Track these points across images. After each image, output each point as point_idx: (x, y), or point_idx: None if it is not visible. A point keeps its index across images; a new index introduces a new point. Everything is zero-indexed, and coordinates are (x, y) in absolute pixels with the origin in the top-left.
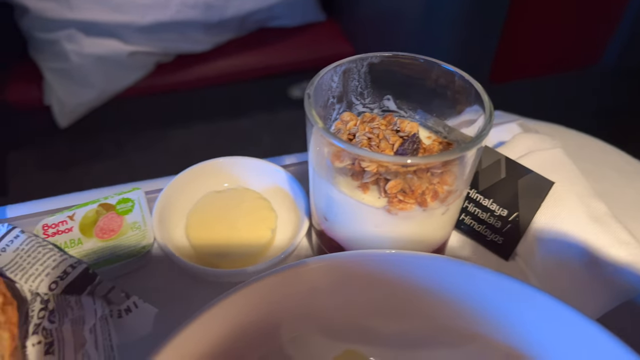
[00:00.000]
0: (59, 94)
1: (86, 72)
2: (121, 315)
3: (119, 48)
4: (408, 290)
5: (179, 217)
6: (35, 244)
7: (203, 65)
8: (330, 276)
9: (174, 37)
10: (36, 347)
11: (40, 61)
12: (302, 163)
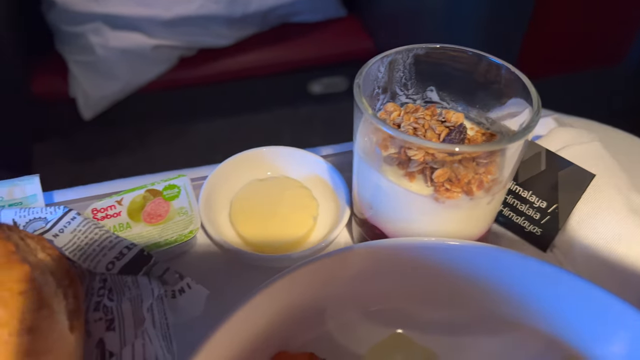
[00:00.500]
0: (84, 86)
1: (111, 65)
2: (175, 296)
3: (144, 42)
4: (453, 278)
5: (222, 203)
6: (92, 225)
7: (225, 60)
8: (376, 262)
9: (198, 31)
10: (98, 323)
11: (66, 54)
12: (339, 154)
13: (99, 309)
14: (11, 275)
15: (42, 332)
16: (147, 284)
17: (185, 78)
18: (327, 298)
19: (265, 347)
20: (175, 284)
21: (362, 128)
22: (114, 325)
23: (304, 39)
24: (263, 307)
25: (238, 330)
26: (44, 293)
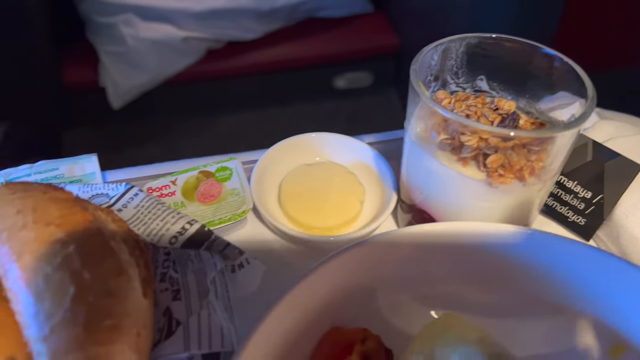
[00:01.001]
0: (114, 76)
1: (141, 55)
2: (234, 270)
3: (174, 33)
4: (502, 262)
5: (271, 186)
6: (154, 201)
7: (252, 53)
8: (427, 245)
9: (226, 24)
10: (164, 293)
11: (97, 44)
12: (384, 142)
13: (165, 280)
14: (92, 242)
15: (121, 297)
16: (209, 258)
17: (212, 70)
18: (379, 278)
19: (319, 323)
20: (235, 258)
21: (417, 112)
22: (180, 295)
23: (330, 33)
24: (318, 285)
25: (295, 306)
26: (121, 260)
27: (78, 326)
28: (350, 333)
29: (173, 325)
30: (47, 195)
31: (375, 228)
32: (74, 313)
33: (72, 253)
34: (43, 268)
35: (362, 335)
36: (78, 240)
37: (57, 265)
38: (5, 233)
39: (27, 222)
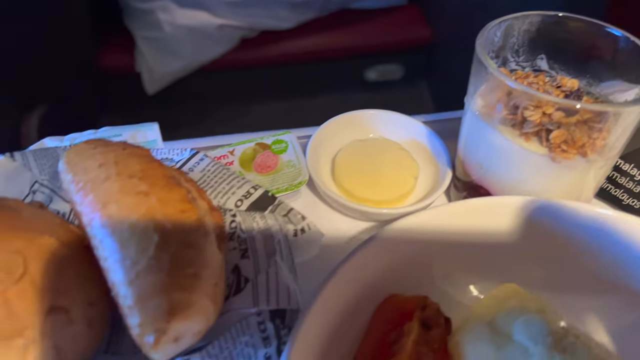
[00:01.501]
0: (149, 62)
1: (177, 42)
2: (296, 235)
3: (209, 21)
4: (561, 238)
5: (325, 161)
6: (219, 166)
7: (285, 43)
8: (487, 217)
9: (261, 13)
10: (232, 251)
11: (134, 30)
12: (437, 121)
13: (234, 239)
14: (173, 196)
15: (200, 248)
16: (275, 220)
17: (245, 59)
18: (436, 249)
19: (377, 291)
20: (298, 223)
21: (482, 86)
22: (248, 254)
23: (363, 25)
24: (377, 253)
25: (354, 273)
26: (199, 214)
27: (162, 272)
28: (409, 300)
29: (242, 282)
30: (127, 151)
31: (429, 204)
32: (158, 260)
33: (154, 205)
34: (128, 217)
35: (422, 303)
36: (159, 192)
37: (141, 215)
38: (89, 184)
39: (110, 174)
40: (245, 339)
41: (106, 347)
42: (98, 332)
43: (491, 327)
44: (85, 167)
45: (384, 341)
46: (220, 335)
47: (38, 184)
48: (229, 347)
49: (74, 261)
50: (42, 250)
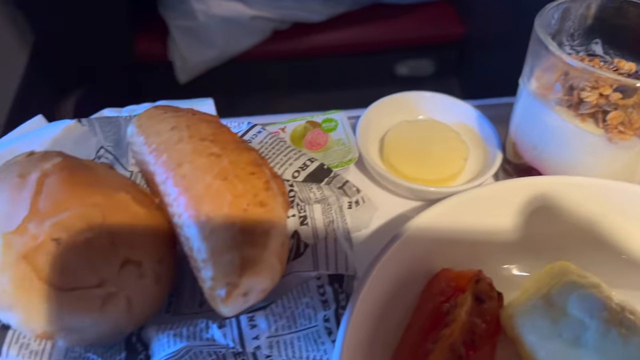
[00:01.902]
0: (182, 51)
1: (211, 31)
2: (351, 207)
3: (243, 11)
4: (614, 218)
5: (373, 140)
6: (277, 139)
7: (316, 36)
8: (540, 196)
9: (293, 5)
10: (292, 218)
11: (169, 19)
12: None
13: (293, 207)
14: (243, 159)
15: (270, 208)
16: (331, 191)
17: (276, 51)
18: (489, 225)
19: (429, 265)
20: (353, 195)
21: (539, 66)
22: (307, 222)
23: (395, 20)
24: (429, 228)
25: (408, 246)
26: (267, 176)
27: (235, 229)
28: (462, 274)
29: (301, 247)
30: (196, 116)
31: (479, 185)
32: (231, 217)
33: (226, 166)
34: (202, 177)
35: (475, 276)
36: (230, 155)
37: (214, 175)
38: (162, 146)
39: (183, 136)
40: (306, 301)
41: (167, 307)
42: (164, 289)
43: (546, 300)
44: (158, 130)
45: (438, 311)
46: (282, 296)
47: (103, 149)
48: (291, 307)
49: (146, 219)
50: (118, 206)
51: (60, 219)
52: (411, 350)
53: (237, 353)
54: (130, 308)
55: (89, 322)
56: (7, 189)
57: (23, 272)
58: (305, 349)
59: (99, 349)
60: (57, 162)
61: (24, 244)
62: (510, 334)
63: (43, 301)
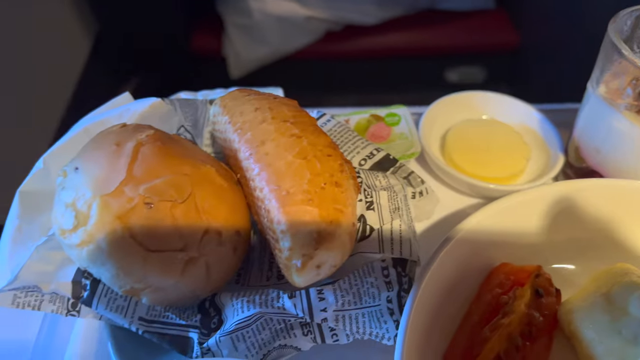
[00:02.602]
0: (237, 47)
1: (265, 30)
2: (414, 197)
3: (298, 11)
4: None
5: (435, 136)
6: (345, 127)
7: (368, 38)
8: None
9: (348, 7)
10: (359, 203)
11: (225, 15)
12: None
13: (360, 192)
14: (321, 141)
15: (344, 188)
16: (396, 180)
17: (328, 51)
18: (548, 225)
19: (488, 259)
20: (417, 186)
21: (612, 69)
22: (373, 207)
23: (449, 26)
24: (490, 222)
25: (470, 237)
26: (341, 159)
27: (312, 204)
28: (523, 268)
29: (367, 230)
30: (277, 100)
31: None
32: (310, 193)
33: (306, 146)
34: (284, 155)
35: (536, 271)
36: (309, 137)
37: (295, 154)
38: (247, 125)
39: (266, 117)
40: (371, 280)
41: (237, 278)
42: (239, 259)
43: (606, 298)
44: (242, 110)
45: (496, 302)
46: (349, 274)
47: (183, 128)
48: (357, 284)
49: (228, 192)
50: (204, 178)
51: (153, 184)
52: (469, 337)
53: (304, 323)
54: (208, 273)
55: (171, 283)
56: (105, 155)
57: (117, 231)
58: (368, 325)
59: (176, 310)
60: (150, 133)
61: (120, 206)
62: (567, 330)
63: (133, 260)
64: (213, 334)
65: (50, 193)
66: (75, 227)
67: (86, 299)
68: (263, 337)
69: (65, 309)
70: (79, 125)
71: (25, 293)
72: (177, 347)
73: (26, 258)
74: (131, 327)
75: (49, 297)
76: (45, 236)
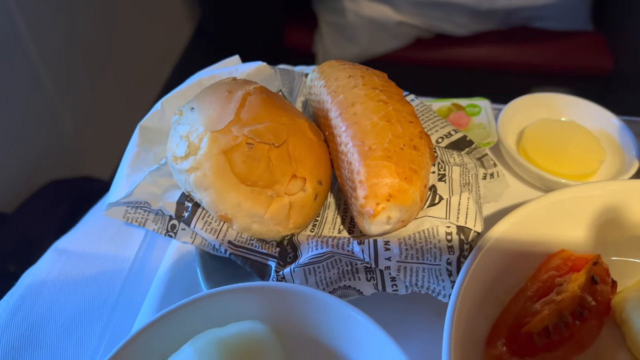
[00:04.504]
0: (327, 45)
1: (357, 30)
2: (485, 178)
3: (391, 16)
4: None
5: (512, 131)
6: (427, 107)
7: (458, 49)
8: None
9: (441, 16)
10: (431, 175)
11: (320, 13)
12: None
13: (434, 165)
14: (405, 109)
15: (421, 152)
16: (470, 160)
17: (416, 57)
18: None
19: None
20: (489, 168)
21: None
22: (445, 179)
23: (540, 44)
24: (552, 208)
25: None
26: (420, 127)
27: (391, 161)
28: (581, 256)
29: (436, 198)
30: (369, 70)
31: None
32: (389, 151)
33: (391, 111)
34: (370, 116)
35: (594, 259)
36: (395, 104)
37: (380, 117)
38: (340, 88)
39: (358, 83)
40: (434, 242)
41: (312, 228)
42: (318, 206)
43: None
44: (337, 76)
45: (551, 282)
46: (415, 232)
47: (281, 92)
48: (421, 243)
49: (316, 145)
50: (298, 129)
51: (255, 128)
52: (522, 308)
53: (368, 268)
54: (290, 214)
55: (258, 215)
56: (218, 100)
57: (221, 163)
58: (427, 280)
59: (259, 241)
60: (257, 86)
61: (226, 142)
62: (619, 317)
63: (230, 189)
64: (288, 266)
65: (164, 130)
66: (186, 155)
67: (187, 218)
68: (331, 275)
69: (164, 229)
70: (194, 77)
71: (134, 210)
72: (256, 271)
73: (141, 179)
74: (220, 249)
75: (153, 216)
76: (158, 164)
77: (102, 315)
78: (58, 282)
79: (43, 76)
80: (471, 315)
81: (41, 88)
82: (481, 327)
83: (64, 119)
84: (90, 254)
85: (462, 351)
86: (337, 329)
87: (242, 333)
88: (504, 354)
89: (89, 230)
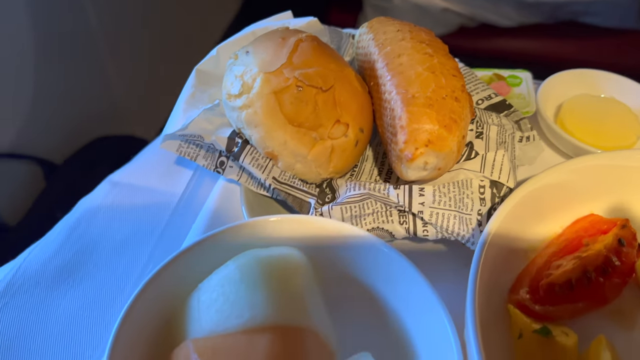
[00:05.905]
0: None
1: (401, 14)
2: (521, 140)
3: (436, 2)
4: None
5: (551, 104)
6: (469, 71)
7: (501, 39)
8: None
9: (487, 6)
10: (469, 132)
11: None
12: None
13: (472, 122)
14: (449, 63)
15: (462, 104)
16: (508, 121)
17: (459, 45)
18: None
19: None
20: (526, 131)
21: None
22: (482, 136)
23: (587, 40)
24: (585, 170)
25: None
26: (463, 81)
27: (432, 109)
28: (609, 220)
29: (472, 153)
30: (417, 27)
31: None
32: (432, 100)
33: (436, 64)
34: (415, 67)
35: (623, 222)
36: (441, 58)
37: (425, 68)
38: (388, 40)
39: (405, 37)
40: (467, 193)
41: (350, 175)
42: (358, 153)
43: None
44: (385, 30)
45: (578, 241)
46: (450, 182)
47: None
48: (454, 192)
49: (360, 94)
50: (345, 77)
51: (305, 71)
52: (546, 261)
53: (401, 211)
54: (331, 157)
55: (302, 155)
56: (272, 45)
57: (271, 102)
58: (457, 227)
59: (301, 180)
60: (309, 34)
61: (277, 83)
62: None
63: (277, 128)
64: (326, 204)
65: (218, 75)
66: (240, 93)
67: (236, 153)
68: (366, 215)
69: (213, 165)
70: (248, 28)
71: (187, 144)
72: (296, 206)
73: (196, 114)
74: (265, 183)
75: (204, 152)
76: (211, 104)
77: (150, 242)
78: (111, 210)
79: (99, 42)
80: (496, 265)
81: (97, 54)
82: (506, 277)
83: (115, 82)
84: (142, 187)
85: (486, 295)
86: (370, 264)
87: (282, 255)
88: (526, 300)
89: (141, 166)
